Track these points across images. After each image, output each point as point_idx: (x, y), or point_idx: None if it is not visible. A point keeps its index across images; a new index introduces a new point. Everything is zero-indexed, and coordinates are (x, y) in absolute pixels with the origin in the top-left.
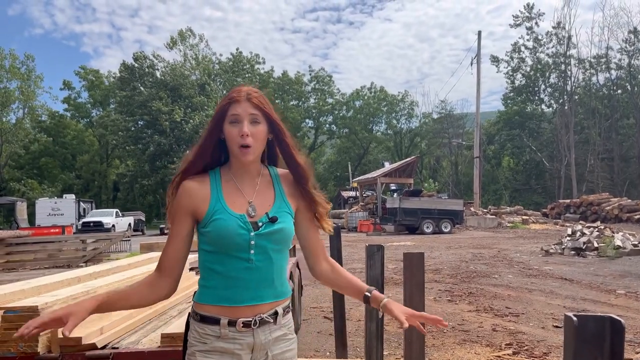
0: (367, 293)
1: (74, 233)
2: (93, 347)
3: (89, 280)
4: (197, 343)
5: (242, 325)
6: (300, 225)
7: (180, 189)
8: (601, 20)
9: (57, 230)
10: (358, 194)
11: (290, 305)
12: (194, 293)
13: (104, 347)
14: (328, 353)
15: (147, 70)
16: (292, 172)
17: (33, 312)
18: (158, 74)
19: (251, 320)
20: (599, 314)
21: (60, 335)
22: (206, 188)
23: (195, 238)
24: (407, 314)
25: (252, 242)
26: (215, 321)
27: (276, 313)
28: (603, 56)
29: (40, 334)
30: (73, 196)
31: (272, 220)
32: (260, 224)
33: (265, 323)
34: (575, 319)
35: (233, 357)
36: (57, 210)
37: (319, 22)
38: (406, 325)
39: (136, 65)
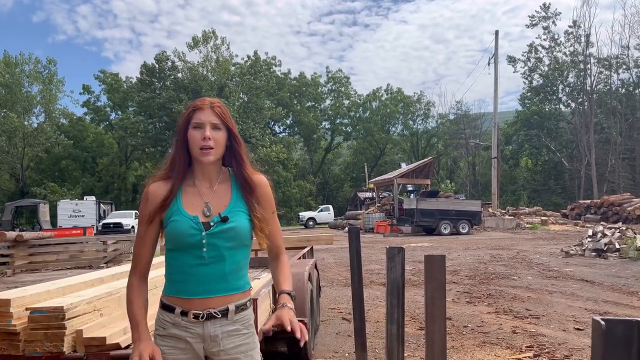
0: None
1: (94, 234)
2: (117, 346)
3: (112, 281)
4: (158, 327)
5: (192, 316)
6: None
7: (146, 195)
8: (622, 18)
9: (78, 231)
10: (375, 195)
11: (249, 302)
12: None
13: (127, 347)
14: (347, 354)
15: (168, 72)
16: (240, 182)
17: (59, 312)
18: (179, 75)
19: (200, 313)
20: (626, 317)
21: (85, 335)
22: (167, 192)
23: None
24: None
25: (204, 241)
26: (171, 309)
27: (227, 309)
28: (623, 55)
29: (66, 333)
30: (93, 198)
31: (224, 219)
32: (212, 223)
33: (214, 317)
34: (603, 323)
35: (186, 344)
36: (78, 211)
37: (335, 25)
38: (288, 328)
39: (158, 66)
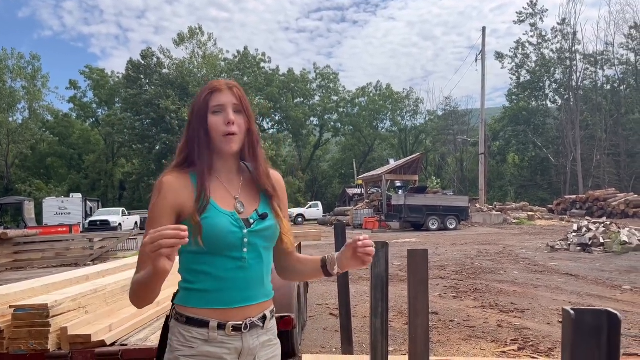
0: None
1: (81, 232)
2: (102, 344)
3: (98, 278)
4: (182, 347)
5: (232, 329)
6: None
7: (161, 185)
8: (607, 15)
9: (64, 229)
10: (363, 192)
11: (274, 309)
12: (174, 295)
13: (113, 344)
14: (334, 349)
15: (154, 68)
16: (259, 177)
17: (43, 309)
18: (165, 71)
19: (241, 324)
20: (597, 307)
21: (70, 333)
22: (188, 184)
23: None
24: (353, 250)
25: (245, 240)
26: (204, 324)
27: (265, 317)
28: (608, 52)
29: (51, 331)
30: (80, 195)
31: (263, 217)
32: (251, 221)
33: (255, 327)
34: (572, 312)
35: None
36: (64, 209)
37: (323, 21)
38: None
39: (143, 63)
